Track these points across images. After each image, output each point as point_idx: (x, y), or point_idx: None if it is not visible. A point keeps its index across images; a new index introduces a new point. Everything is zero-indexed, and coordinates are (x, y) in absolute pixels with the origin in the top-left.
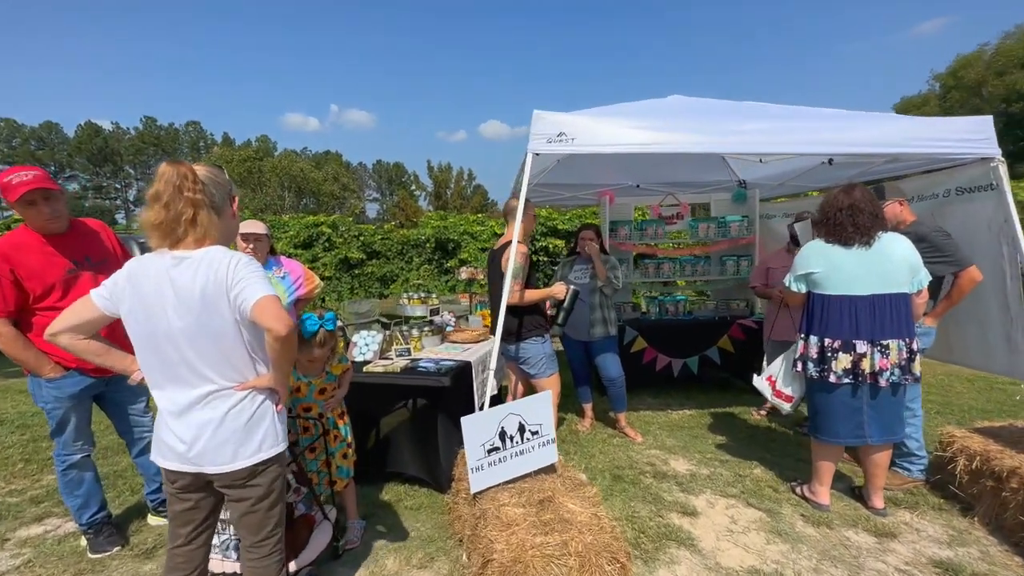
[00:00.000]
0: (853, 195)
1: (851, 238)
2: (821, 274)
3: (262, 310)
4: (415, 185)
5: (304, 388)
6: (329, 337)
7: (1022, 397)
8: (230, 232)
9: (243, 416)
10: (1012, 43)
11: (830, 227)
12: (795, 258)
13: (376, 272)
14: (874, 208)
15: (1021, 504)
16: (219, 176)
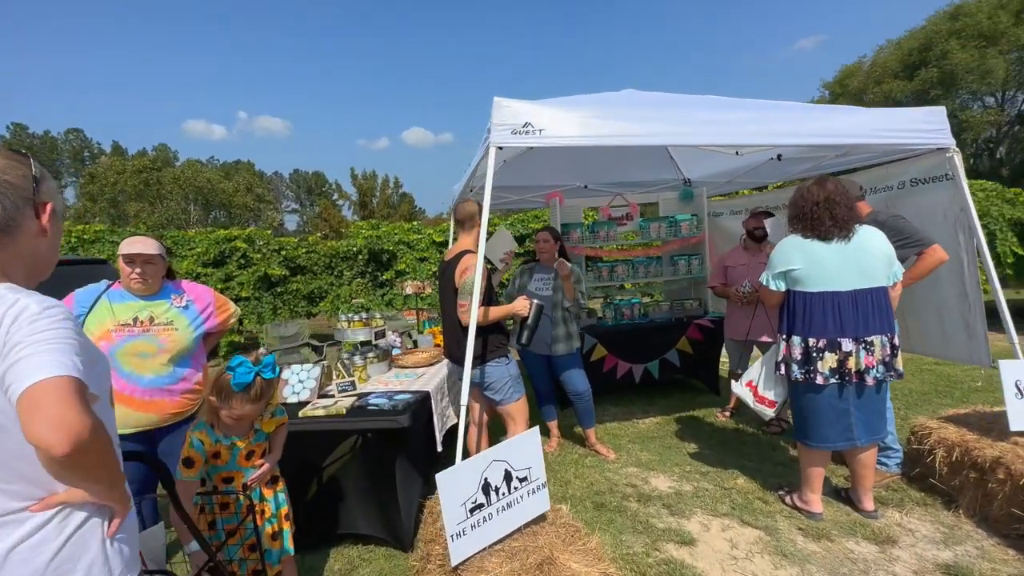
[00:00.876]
0: (827, 187)
1: (830, 232)
2: (802, 271)
3: (31, 407)
4: (338, 194)
5: (225, 453)
6: (267, 388)
7: (982, 383)
8: (36, 258)
9: (44, 552)
10: (885, 55)
11: (808, 222)
12: (771, 255)
13: (302, 289)
14: (848, 200)
15: (1009, 496)
16: (6, 170)
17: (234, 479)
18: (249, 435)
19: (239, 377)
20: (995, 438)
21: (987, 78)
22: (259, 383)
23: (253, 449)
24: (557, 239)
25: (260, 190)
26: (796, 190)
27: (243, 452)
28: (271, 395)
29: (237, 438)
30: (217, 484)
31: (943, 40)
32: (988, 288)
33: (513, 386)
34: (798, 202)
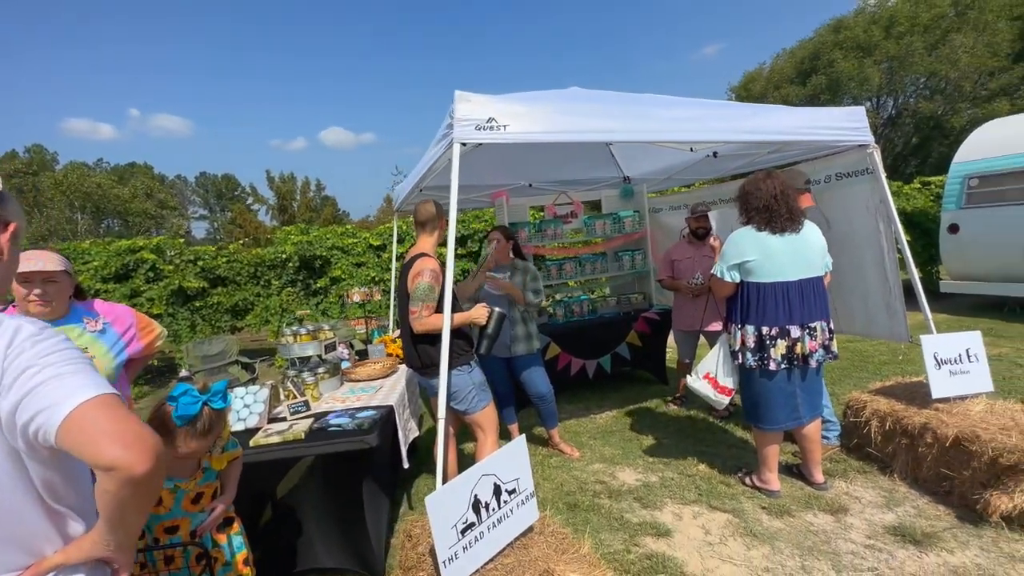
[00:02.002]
0: (780, 181)
1: (786, 225)
2: (756, 262)
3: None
4: (254, 199)
5: (167, 498)
6: (217, 420)
7: (904, 357)
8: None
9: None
10: (782, 63)
11: (765, 215)
12: (724, 248)
13: (224, 302)
14: (796, 194)
15: (937, 458)
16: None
17: (179, 527)
18: (196, 475)
19: (183, 409)
20: (919, 406)
21: (865, 85)
22: (207, 415)
23: (201, 491)
24: (509, 238)
25: (162, 195)
26: (748, 182)
27: (189, 495)
28: (222, 427)
29: (181, 480)
30: (159, 536)
31: (829, 50)
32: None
33: (478, 394)
34: (755, 194)
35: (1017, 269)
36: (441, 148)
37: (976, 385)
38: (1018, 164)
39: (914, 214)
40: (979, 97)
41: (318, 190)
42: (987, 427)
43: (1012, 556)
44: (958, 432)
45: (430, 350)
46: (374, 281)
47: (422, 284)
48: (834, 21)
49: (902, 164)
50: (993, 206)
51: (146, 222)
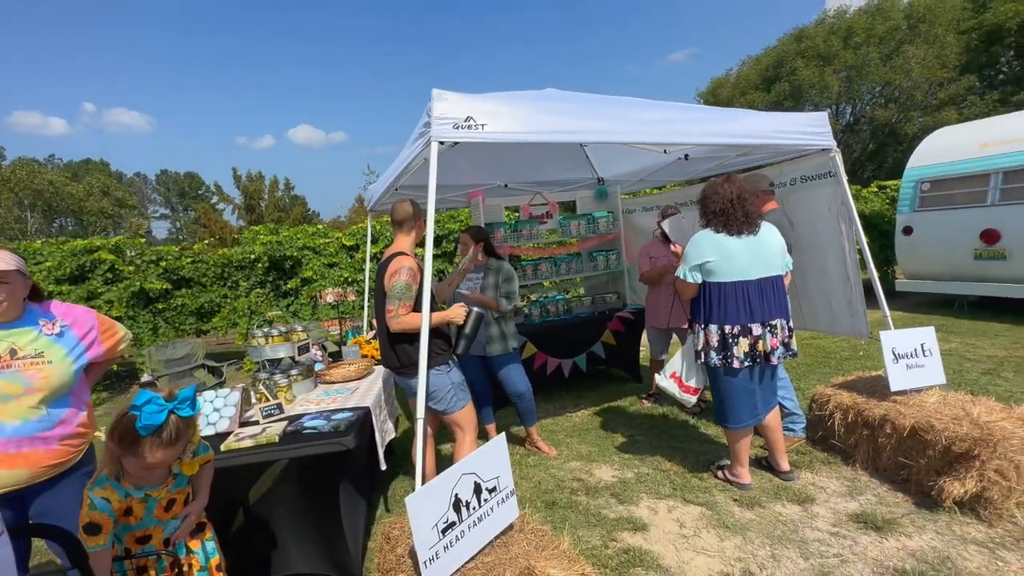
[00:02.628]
0: (737, 184)
1: (742, 228)
2: (715, 263)
3: None
4: (219, 198)
5: (138, 507)
6: (185, 429)
7: (864, 352)
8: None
9: None
10: (747, 69)
11: (722, 218)
12: (686, 250)
13: (189, 304)
14: (753, 196)
15: (895, 448)
16: None
17: (152, 536)
18: (167, 482)
19: (147, 418)
20: (879, 399)
21: (825, 93)
22: (174, 423)
23: (174, 497)
24: (479, 239)
25: (120, 193)
26: (708, 186)
27: (161, 503)
28: (190, 435)
29: (151, 488)
30: (130, 547)
31: (791, 59)
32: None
33: (456, 394)
34: (713, 198)
35: (965, 269)
36: (418, 147)
37: (930, 378)
38: (964, 170)
39: (871, 216)
40: (930, 106)
41: (287, 189)
42: (940, 417)
43: (963, 538)
44: (914, 422)
45: (408, 350)
46: (347, 282)
47: (399, 283)
48: (796, 31)
49: (860, 169)
50: (943, 209)
51: (102, 221)
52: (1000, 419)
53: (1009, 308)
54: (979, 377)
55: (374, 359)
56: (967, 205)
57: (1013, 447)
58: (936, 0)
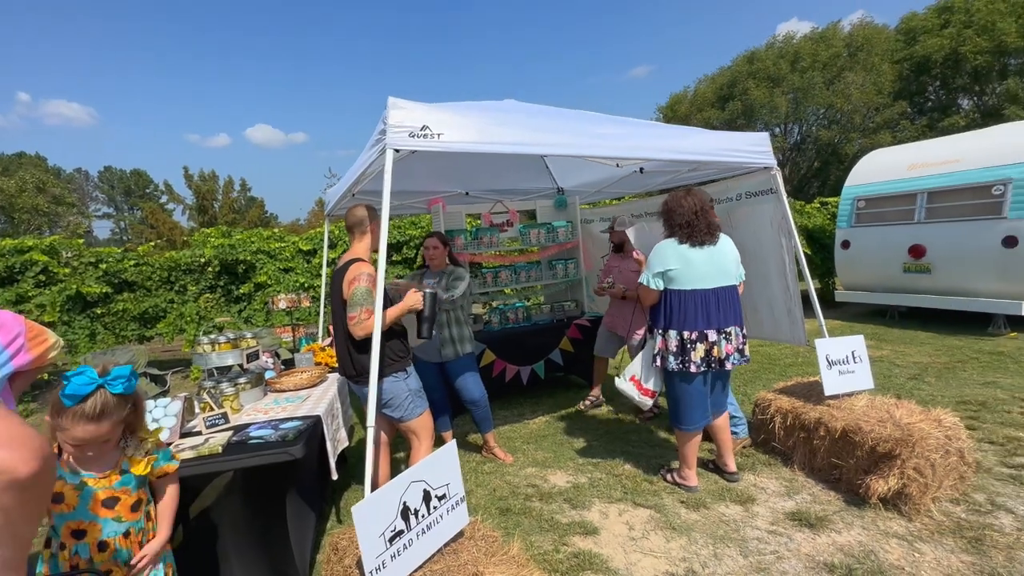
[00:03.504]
0: (699, 197)
1: (705, 239)
2: (677, 271)
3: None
4: (168, 197)
5: (71, 495)
6: (113, 408)
7: (803, 359)
8: None
9: None
10: (704, 87)
11: (687, 230)
12: (649, 258)
13: (132, 309)
14: (711, 209)
15: (828, 449)
16: None
17: (87, 532)
18: (110, 476)
19: (72, 388)
20: (815, 403)
21: (775, 112)
22: (101, 398)
23: (117, 495)
24: (446, 244)
25: (57, 190)
26: (671, 199)
27: (98, 496)
28: (124, 419)
29: (89, 475)
30: (65, 540)
31: (744, 79)
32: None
33: (414, 401)
34: (677, 210)
35: (896, 281)
36: (374, 154)
37: (860, 383)
38: (895, 189)
39: (814, 230)
40: (867, 128)
41: (243, 190)
42: (868, 420)
43: (886, 532)
44: (845, 425)
45: (365, 358)
46: (303, 287)
47: (360, 289)
48: (749, 53)
49: (806, 185)
50: (876, 225)
51: (37, 219)
52: (919, 421)
53: (934, 318)
54: (905, 382)
55: (328, 367)
56: (897, 222)
57: (929, 447)
58: (873, 31)
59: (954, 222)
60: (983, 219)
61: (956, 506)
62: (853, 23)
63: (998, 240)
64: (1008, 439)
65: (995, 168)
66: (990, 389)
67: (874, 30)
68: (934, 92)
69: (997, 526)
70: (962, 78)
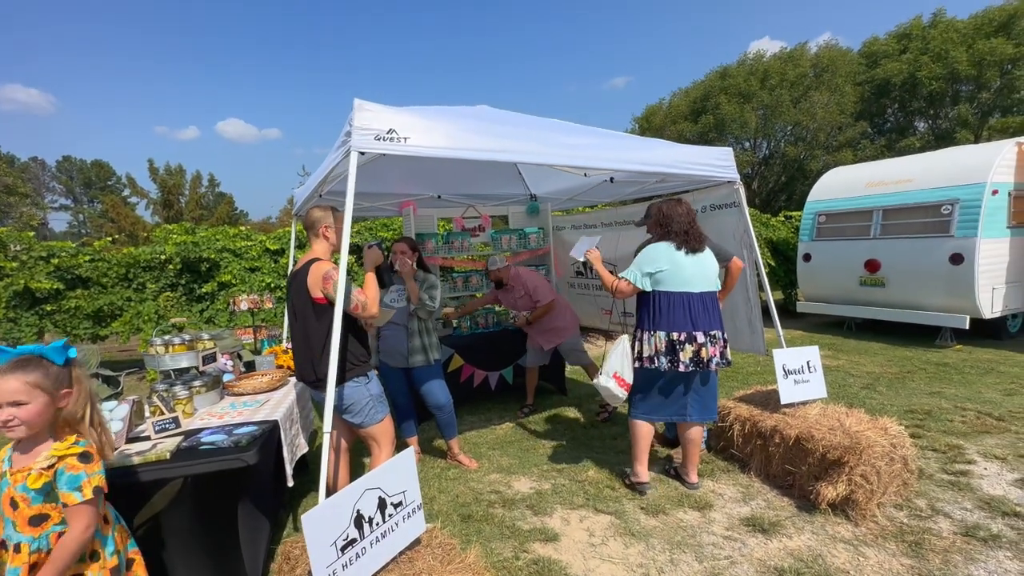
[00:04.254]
0: (687, 207)
1: (695, 246)
2: (667, 272)
3: None
4: (132, 190)
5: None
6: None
7: (762, 367)
8: None
9: None
10: (678, 100)
11: (683, 236)
12: (639, 257)
13: (85, 307)
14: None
15: (783, 456)
16: None
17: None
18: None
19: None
20: (771, 411)
21: (744, 127)
22: (29, 354)
23: (15, 500)
24: (415, 250)
25: (9, 179)
26: (666, 207)
27: (8, 491)
28: (51, 393)
29: (8, 464)
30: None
31: (716, 94)
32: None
33: (375, 406)
34: (675, 219)
35: (853, 294)
36: (339, 155)
37: (814, 392)
38: (854, 206)
39: (779, 243)
40: (831, 146)
41: (211, 186)
42: (819, 428)
43: (835, 537)
44: (798, 432)
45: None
46: (269, 288)
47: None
48: (721, 69)
49: (773, 199)
50: (836, 240)
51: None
52: (867, 429)
53: (887, 330)
54: (859, 391)
55: (289, 370)
56: (854, 237)
57: (875, 454)
58: (838, 54)
59: (906, 239)
60: (933, 237)
61: (899, 511)
62: (820, 45)
63: (946, 257)
64: (949, 447)
65: (944, 188)
66: (935, 399)
67: (839, 52)
68: (893, 114)
69: (936, 530)
70: (918, 101)
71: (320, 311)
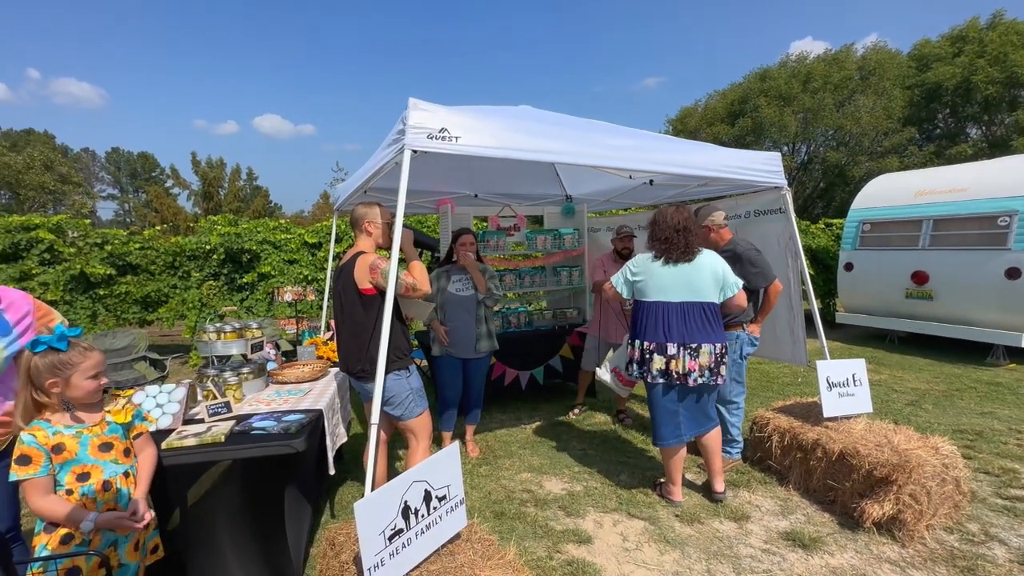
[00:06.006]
0: (685, 215)
1: (681, 257)
2: (643, 282)
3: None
4: (174, 182)
5: (71, 442)
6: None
7: (801, 379)
8: None
9: None
10: (715, 102)
11: (664, 245)
12: (628, 263)
13: (134, 292)
14: (697, 227)
15: (825, 470)
16: None
17: (91, 475)
18: (100, 424)
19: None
20: (813, 423)
21: (784, 131)
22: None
23: (108, 441)
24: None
25: (64, 169)
26: (657, 213)
27: (94, 443)
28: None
29: (81, 425)
30: (71, 486)
31: (755, 96)
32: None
33: (415, 400)
34: (660, 225)
35: (897, 306)
36: (391, 152)
37: (859, 406)
38: (900, 215)
39: (818, 251)
40: (875, 152)
41: (249, 179)
42: (865, 444)
43: (879, 557)
44: (842, 447)
45: (375, 353)
46: (307, 280)
47: (384, 271)
48: (761, 70)
49: (811, 206)
50: (880, 249)
51: (42, 197)
52: (917, 447)
53: (933, 345)
54: (903, 408)
55: (330, 361)
56: (901, 247)
57: (926, 474)
58: (886, 56)
59: (958, 250)
60: (987, 249)
61: (950, 535)
62: (866, 47)
63: (1001, 271)
64: (1004, 470)
65: (1001, 199)
66: (987, 419)
67: (887, 55)
68: (943, 120)
69: (990, 556)
70: (972, 107)
71: (367, 302)
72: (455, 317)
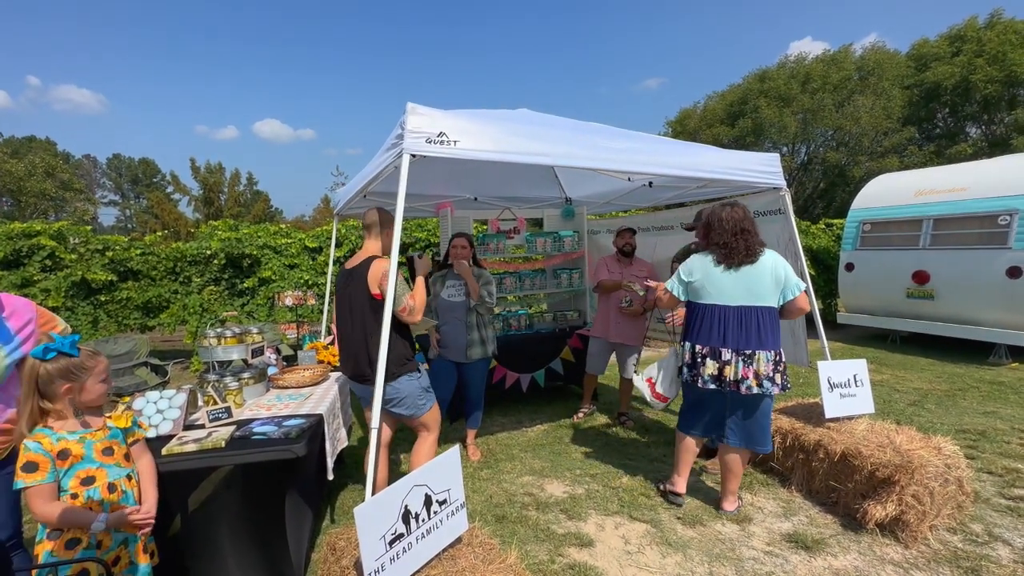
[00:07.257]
0: (740, 214)
1: (743, 260)
2: (698, 283)
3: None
4: (175, 187)
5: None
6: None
7: (804, 379)
8: None
9: None
10: (714, 103)
11: (724, 250)
12: (681, 266)
13: (135, 298)
14: (754, 226)
15: (827, 472)
16: None
17: (95, 478)
18: (102, 430)
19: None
20: (815, 424)
21: (783, 132)
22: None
23: (110, 446)
24: (471, 245)
25: (66, 176)
26: (711, 214)
27: (98, 447)
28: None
29: (86, 430)
30: (76, 490)
31: (755, 97)
32: None
33: (425, 397)
34: (717, 229)
35: (898, 306)
36: (390, 157)
37: (861, 407)
38: (900, 215)
39: (819, 251)
40: (875, 152)
41: (249, 184)
42: (867, 444)
43: (883, 559)
44: (844, 448)
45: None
46: (308, 284)
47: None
48: (760, 71)
49: (811, 206)
50: (881, 249)
51: (44, 203)
52: (919, 448)
53: (935, 345)
54: (905, 408)
55: (330, 365)
56: (902, 247)
57: (928, 474)
58: (885, 56)
59: (959, 250)
60: (989, 248)
61: (953, 535)
62: (865, 47)
63: (1002, 270)
64: (1007, 470)
65: (1002, 198)
66: (990, 419)
67: (886, 55)
68: (943, 119)
69: (994, 557)
70: (971, 106)
71: (377, 307)
72: (446, 322)
